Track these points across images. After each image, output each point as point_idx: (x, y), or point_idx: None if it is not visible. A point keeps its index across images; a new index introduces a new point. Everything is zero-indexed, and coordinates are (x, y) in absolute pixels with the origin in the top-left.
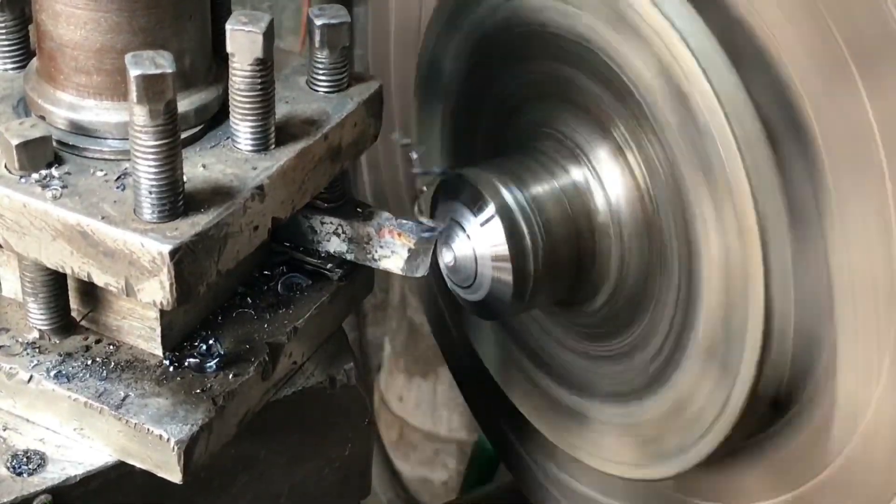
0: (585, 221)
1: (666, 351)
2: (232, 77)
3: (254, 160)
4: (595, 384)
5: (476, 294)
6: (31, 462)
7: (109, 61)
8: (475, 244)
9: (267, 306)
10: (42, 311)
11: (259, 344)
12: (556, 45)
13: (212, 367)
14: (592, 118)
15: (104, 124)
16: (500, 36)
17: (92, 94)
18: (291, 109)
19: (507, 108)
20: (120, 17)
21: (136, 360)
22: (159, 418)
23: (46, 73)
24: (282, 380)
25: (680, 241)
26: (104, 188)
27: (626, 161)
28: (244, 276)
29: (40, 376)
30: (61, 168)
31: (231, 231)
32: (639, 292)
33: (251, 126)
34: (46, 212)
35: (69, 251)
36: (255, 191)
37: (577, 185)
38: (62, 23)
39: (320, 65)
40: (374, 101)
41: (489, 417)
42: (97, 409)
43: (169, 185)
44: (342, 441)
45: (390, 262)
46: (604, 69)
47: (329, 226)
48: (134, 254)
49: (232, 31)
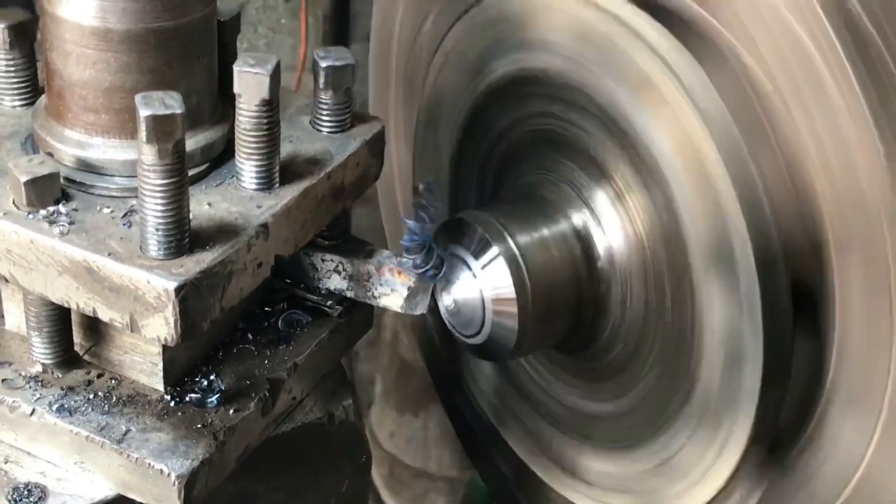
0: (585, 266)
1: (663, 402)
2: (238, 117)
3: (258, 199)
4: (591, 429)
5: (477, 337)
6: (32, 495)
7: (118, 100)
8: (476, 287)
9: (267, 342)
10: (45, 345)
11: (259, 380)
12: (563, 94)
13: (213, 402)
14: (593, 163)
15: (111, 162)
16: (507, 84)
17: (100, 133)
18: (295, 149)
19: (508, 151)
20: (129, 58)
21: (138, 394)
22: (160, 453)
23: (55, 110)
24: (281, 415)
25: (678, 297)
26: (111, 225)
27: (626, 207)
28: (245, 312)
29: (42, 410)
30: (69, 205)
31: (235, 268)
32: (638, 340)
33: (256, 165)
34: (54, 248)
35: (75, 286)
36: (259, 229)
37: (576, 230)
38: (71, 62)
39: (324, 105)
40: (377, 141)
41: (483, 456)
42: (99, 443)
43: (175, 223)
44: (340, 477)
45: (390, 300)
46: (611, 123)
47: (330, 263)
48: (139, 290)
49: (239, 73)
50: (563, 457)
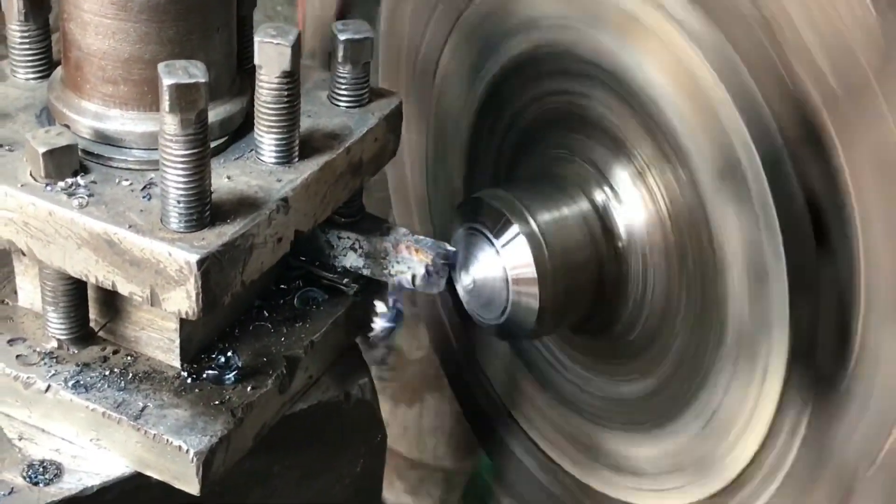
0: (606, 244)
1: (684, 382)
2: (258, 89)
3: (278, 172)
4: (610, 412)
5: (496, 317)
6: (48, 472)
7: (137, 71)
8: (496, 267)
9: (283, 320)
10: (61, 320)
11: (276, 357)
12: (578, 68)
13: (230, 379)
14: (615, 143)
15: (130, 134)
16: (521, 61)
17: (118, 104)
18: (314, 123)
19: (527, 130)
20: (149, 28)
21: (155, 371)
22: (178, 429)
23: (72, 82)
24: (298, 393)
25: (702, 269)
26: (130, 197)
27: (648, 185)
28: (262, 289)
29: (58, 386)
30: (87, 177)
31: (256, 242)
32: (659, 319)
33: (276, 138)
34: (73, 220)
35: (95, 259)
36: (280, 203)
37: (598, 208)
38: (90, 32)
39: (343, 80)
40: (395, 116)
41: (493, 438)
42: (115, 419)
43: (197, 195)
44: (355, 457)
45: (406, 278)
46: (629, 96)
47: (346, 241)
48: (161, 263)
49: (261, 44)
50: (608, 455)
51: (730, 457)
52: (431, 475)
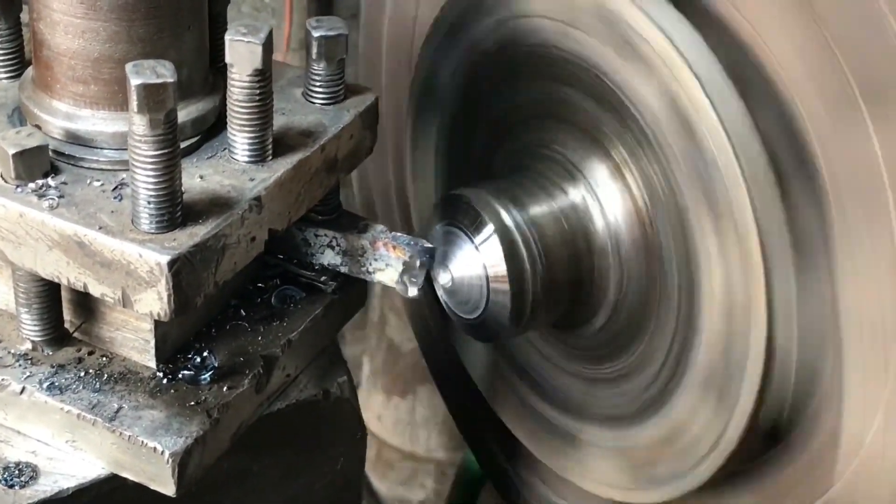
0: (584, 243)
1: (663, 377)
2: (230, 88)
3: (251, 171)
4: (589, 407)
5: (473, 316)
6: (24, 475)
7: (107, 71)
8: (473, 265)
9: (261, 319)
10: (35, 322)
11: (253, 356)
12: (556, 64)
13: (206, 379)
14: (591, 139)
15: (101, 134)
16: (499, 54)
17: (89, 104)
18: (288, 121)
19: (504, 126)
20: (119, 27)
21: (130, 372)
22: (153, 430)
23: (42, 82)
24: (275, 392)
25: (680, 267)
26: (101, 198)
27: (626, 182)
28: (238, 288)
29: (33, 388)
30: (58, 178)
31: (229, 242)
32: (637, 315)
33: (249, 137)
34: (43, 222)
35: (65, 261)
36: (252, 202)
37: (575, 206)
38: (60, 32)
39: (317, 77)
40: (370, 113)
41: (477, 434)
42: (90, 421)
43: (168, 196)
44: (335, 455)
45: (384, 276)
46: (607, 93)
47: (323, 238)
48: (132, 264)
49: (231, 42)
50: (560, 434)
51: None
52: (424, 466)
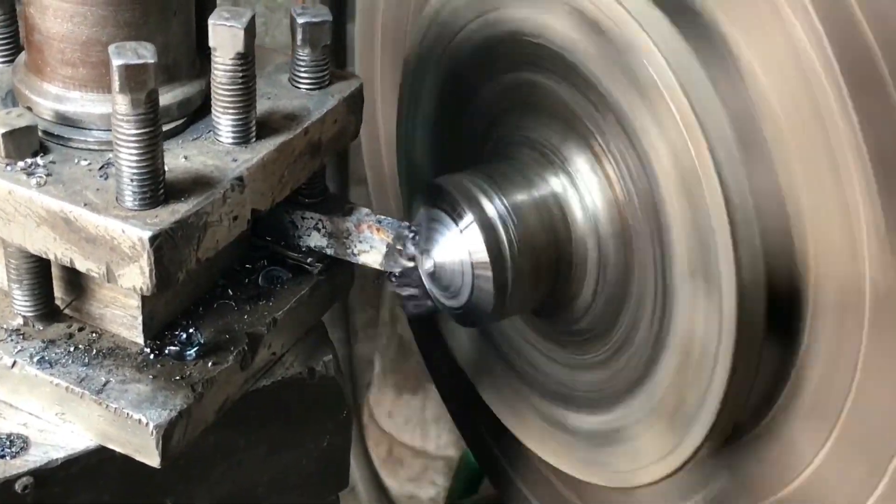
0: (564, 230)
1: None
2: (214, 71)
3: (234, 152)
4: (575, 389)
5: (456, 301)
6: (14, 445)
7: (95, 54)
8: (455, 251)
9: (247, 298)
10: (26, 297)
11: (239, 334)
12: (536, 54)
13: (191, 355)
14: (571, 128)
15: (89, 115)
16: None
17: (77, 86)
18: (273, 105)
19: (487, 117)
20: (106, 11)
21: (118, 347)
22: (139, 403)
23: (34, 65)
24: (261, 370)
25: (654, 246)
26: (88, 177)
27: (605, 171)
28: (225, 268)
29: (23, 362)
30: (46, 157)
31: (210, 220)
32: (618, 296)
33: (232, 119)
34: (31, 199)
35: (52, 237)
36: (234, 181)
37: (555, 194)
38: (49, 16)
39: (302, 62)
40: (355, 98)
41: (474, 431)
42: (79, 394)
43: (150, 174)
44: (321, 432)
45: (369, 257)
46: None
47: (310, 221)
48: (115, 240)
49: (214, 26)
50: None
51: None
52: (434, 463)
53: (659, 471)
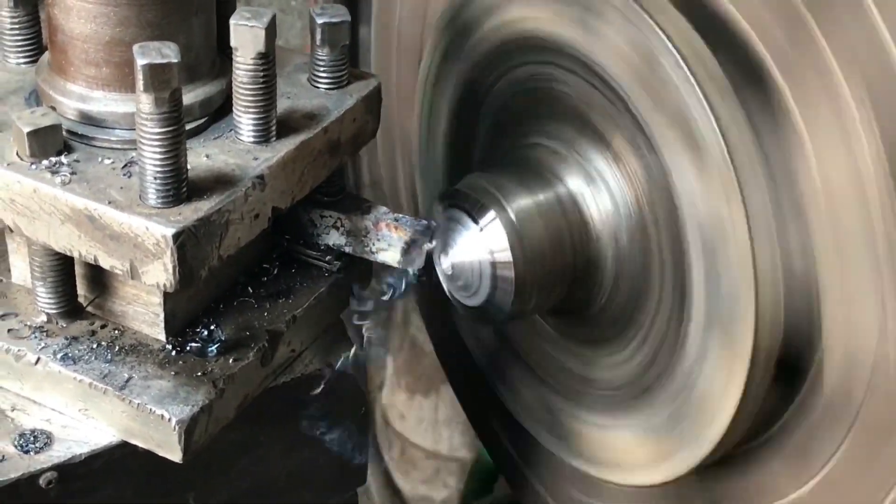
0: (582, 229)
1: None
2: (235, 70)
3: (255, 151)
4: (591, 388)
5: (474, 300)
6: (38, 441)
7: (118, 54)
8: (474, 251)
9: (267, 296)
10: (50, 295)
11: (259, 331)
12: (551, 52)
13: (213, 351)
14: (591, 129)
15: (112, 114)
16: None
17: (101, 86)
18: (293, 104)
19: (505, 118)
20: (129, 12)
21: (140, 344)
22: (161, 399)
23: (57, 65)
24: (281, 366)
25: (673, 242)
26: (111, 175)
27: (625, 170)
28: (245, 266)
29: (47, 358)
30: (70, 156)
31: (232, 217)
32: (634, 297)
33: (253, 118)
34: (56, 196)
35: (77, 235)
36: (255, 180)
37: (573, 194)
38: (73, 16)
39: (321, 62)
40: (373, 97)
41: (489, 430)
42: (102, 390)
43: (173, 172)
44: None
45: (387, 255)
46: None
47: (328, 219)
48: (139, 237)
49: (235, 26)
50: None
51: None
52: (447, 465)
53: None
